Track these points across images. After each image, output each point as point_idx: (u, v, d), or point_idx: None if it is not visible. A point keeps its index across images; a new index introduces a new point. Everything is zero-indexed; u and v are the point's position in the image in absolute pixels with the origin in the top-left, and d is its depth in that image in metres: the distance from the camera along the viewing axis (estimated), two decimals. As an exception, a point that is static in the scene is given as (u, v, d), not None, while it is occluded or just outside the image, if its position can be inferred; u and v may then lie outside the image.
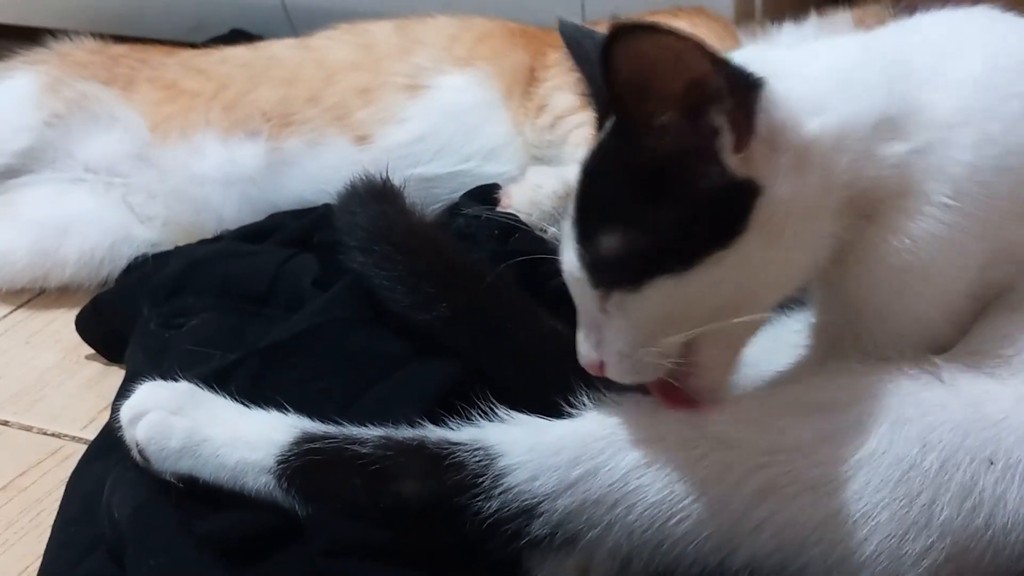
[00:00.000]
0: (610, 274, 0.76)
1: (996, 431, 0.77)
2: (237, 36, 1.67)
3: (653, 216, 0.74)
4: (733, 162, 0.73)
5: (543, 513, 0.79)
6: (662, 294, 0.75)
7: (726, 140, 0.73)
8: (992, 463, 0.76)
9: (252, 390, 0.93)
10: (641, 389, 0.82)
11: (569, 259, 0.78)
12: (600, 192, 0.77)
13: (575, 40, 0.85)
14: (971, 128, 0.78)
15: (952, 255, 0.79)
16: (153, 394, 0.91)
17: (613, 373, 0.79)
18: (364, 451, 0.83)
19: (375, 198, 1.04)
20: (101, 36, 1.58)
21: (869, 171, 0.77)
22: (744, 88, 0.73)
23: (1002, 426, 0.77)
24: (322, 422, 0.88)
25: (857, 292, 0.81)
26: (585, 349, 0.80)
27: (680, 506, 0.78)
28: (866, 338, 0.82)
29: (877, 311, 0.81)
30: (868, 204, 0.78)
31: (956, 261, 0.79)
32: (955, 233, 0.78)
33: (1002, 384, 0.79)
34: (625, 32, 0.69)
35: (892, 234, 0.78)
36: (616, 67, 0.70)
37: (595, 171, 0.78)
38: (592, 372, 0.80)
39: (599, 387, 0.83)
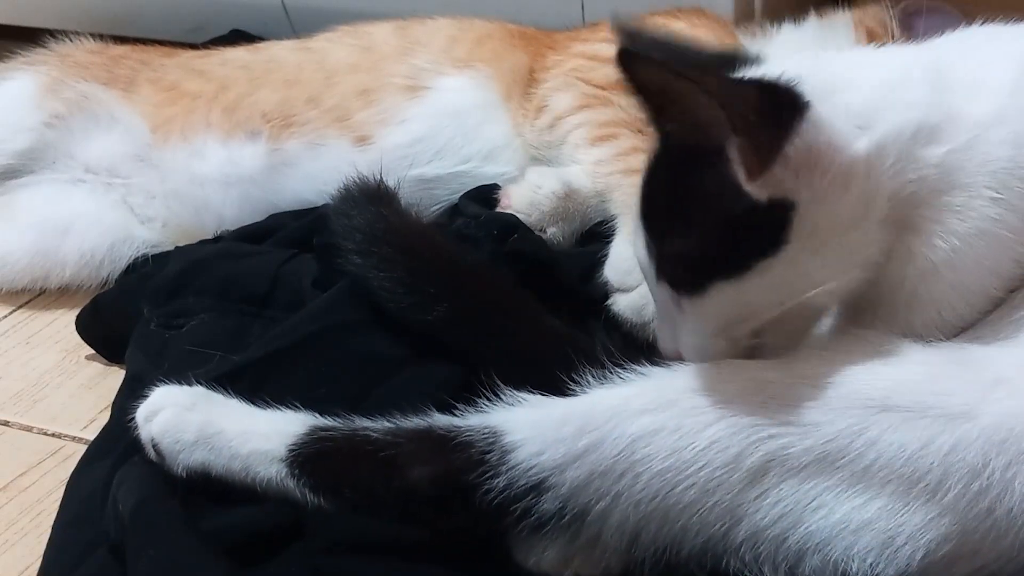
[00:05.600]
0: (676, 276, 0.82)
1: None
2: (237, 37, 1.67)
3: (700, 227, 0.79)
4: (751, 188, 0.77)
5: (551, 487, 0.80)
6: (723, 296, 0.80)
7: (738, 170, 0.77)
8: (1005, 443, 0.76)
9: (254, 398, 0.93)
10: None
11: (641, 254, 0.84)
12: (659, 196, 0.82)
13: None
14: (1006, 127, 0.80)
15: (993, 250, 0.81)
16: (168, 394, 0.94)
17: (691, 360, 0.84)
18: (374, 437, 0.84)
19: (370, 200, 1.04)
20: (101, 37, 1.58)
21: (910, 173, 0.80)
22: (783, 114, 0.76)
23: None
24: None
25: (892, 281, 0.83)
26: (664, 341, 0.86)
27: (687, 473, 0.78)
28: (891, 320, 0.84)
29: (907, 301, 0.83)
30: (912, 208, 0.81)
31: (996, 255, 0.81)
32: (999, 228, 0.80)
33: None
34: (633, 60, 0.75)
35: (936, 229, 0.81)
36: (636, 86, 0.77)
37: (653, 174, 0.82)
38: (671, 359, 0.85)
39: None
